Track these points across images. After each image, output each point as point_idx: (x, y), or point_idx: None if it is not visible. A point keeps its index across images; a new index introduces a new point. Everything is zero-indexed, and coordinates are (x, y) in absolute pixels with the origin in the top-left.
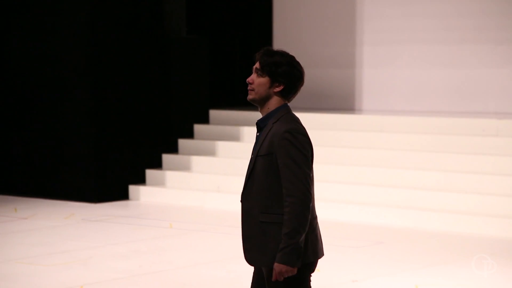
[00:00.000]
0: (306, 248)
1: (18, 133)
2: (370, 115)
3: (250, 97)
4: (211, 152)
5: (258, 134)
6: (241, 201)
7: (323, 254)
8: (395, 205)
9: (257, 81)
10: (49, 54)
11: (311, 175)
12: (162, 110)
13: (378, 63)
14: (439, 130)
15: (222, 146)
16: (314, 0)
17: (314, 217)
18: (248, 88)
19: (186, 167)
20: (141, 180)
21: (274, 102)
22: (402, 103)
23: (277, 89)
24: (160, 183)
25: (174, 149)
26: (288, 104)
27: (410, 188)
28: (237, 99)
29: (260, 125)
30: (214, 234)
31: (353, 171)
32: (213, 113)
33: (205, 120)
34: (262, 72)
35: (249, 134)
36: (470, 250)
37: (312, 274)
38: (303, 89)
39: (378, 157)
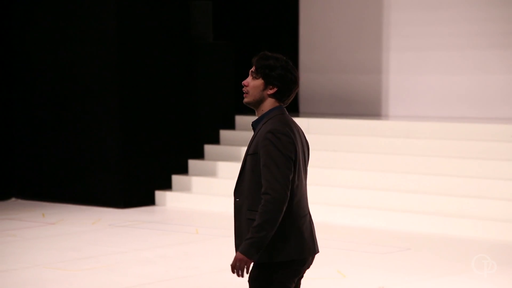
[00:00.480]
0: (288, 246)
1: (46, 139)
2: (397, 121)
3: (245, 100)
4: (236, 158)
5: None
6: (234, 198)
7: (316, 251)
8: (423, 211)
9: (251, 84)
10: (77, 61)
11: (291, 176)
12: (188, 116)
13: (404, 69)
14: (466, 136)
15: None
16: (341, 6)
17: (302, 216)
18: (243, 90)
19: (212, 173)
20: (167, 185)
21: (268, 104)
22: (429, 108)
23: (271, 92)
24: (186, 188)
25: (200, 155)
26: (284, 107)
27: (438, 194)
28: None
29: (254, 126)
30: None
31: (379, 177)
32: (239, 119)
33: (231, 125)
34: (256, 74)
35: None
36: (498, 257)
37: (305, 271)
38: (330, 94)
39: (404, 163)
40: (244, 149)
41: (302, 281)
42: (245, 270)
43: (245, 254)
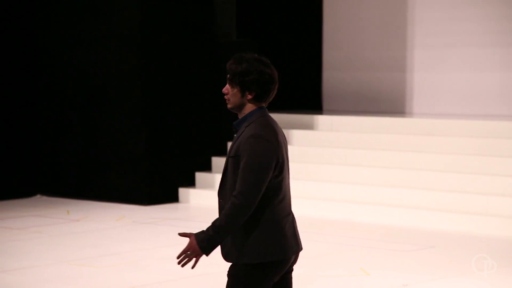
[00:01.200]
0: (271, 246)
1: (71, 137)
2: (421, 119)
3: (228, 106)
4: None
5: (235, 136)
6: (218, 199)
7: (298, 250)
8: (447, 209)
9: (230, 92)
10: (101, 60)
11: (265, 184)
12: (211, 114)
13: (428, 66)
14: (490, 133)
15: None
16: (365, 3)
17: (285, 215)
18: (225, 97)
19: None
20: (191, 183)
21: (249, 107)
22: (453, 106)
23: (250, 97)
24: (210, 185)
25: (223, 152)
26: (265, 106)
27: (462, 192)
28: (287, 102)
29: (236, 127)
30: None
31: (404, 175)
32: None
33: None
34: (232, 82)
35: (299, 137)
36: None
37: (290, 270)
38: (353, 92)
39: (428, 160)
40: None
41: (325, 279)
42: (192, 262)
43: (201, 247)
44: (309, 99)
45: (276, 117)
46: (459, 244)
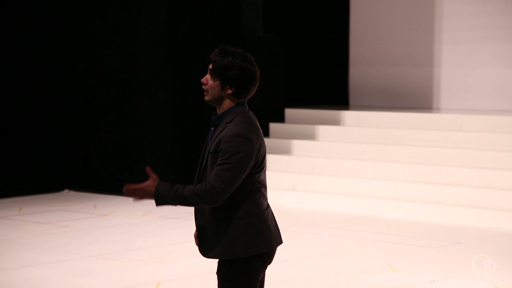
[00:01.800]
0: (257, 238)
1: (99, 132)
2: (448, 114)
3: (206, 98)
4: (286, 151)
5: (212, 129)
6: None
7: (281, 242)
8: (474, 205)
9: (209, 83)
10: (129, 56)
11: (236, 184)
12: None
13: (456, 61)
14: None
15: (297, 144)
16: None
17: (265, 208)
18: (203, 87)
19: None
20: None
21: (227, 103)
22: (481, 101)
23: (229, 91)
24: None
25: None
26: (245, 102)
27: (490, 188)
28: (313, 98)
29: (215, 121)
30: (289, 232)
31: (431, 171)
32: (289, 112)
33: (280, 119)
34: (213, 74)
35: (325, 133)
36: None
37: (268, 265)
38: (380, 87)
39: (456, 156)
40: (294, 142)
41: (352, 275)
42: (136, 199)
43: (156, 195)
44: (335, 94)
45: (302, 113)
46: (487, 240)
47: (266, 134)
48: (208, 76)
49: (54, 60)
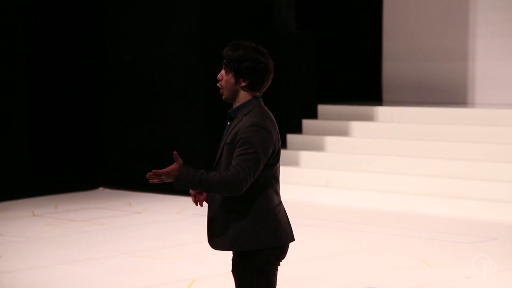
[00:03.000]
0: (266, 232)
1: (133, 130)
2: (484, 109)
3: (223, 96)
4: (319, 147)
5: (228, 123)
6: None
7: (292, 239)
8: (511, 200)
9: (224, 78)
10: (162, 55)
11: (257, 173)
12: (271, 106)
13: (491, 55)
14: None
15: (330, 141)
16: None
17: (277, 204)
18: (217, 85)
19: (294, 162)
20: None
21: (243, 96)
22: None
23: (243, 84)
24: None
25: (283, 144)
26: (259, 96)
27: None
28: (346, 94)
29: (231, 115)
30: (322, 229)
31: (467, 166)
32: (322, 108)
33: (313, 115)
34: (227, 68)
35: (358, 129)
36: None
37: (282, 260)
38: (414, 82)
39: (492, 151)
40: (327, 138)
41: (387, 271)
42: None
43: (178, 179)
44: (369, 90)
45: (335, 109)
46: None
47: (299, 130)
48: (222, 72)
49: (88, 60)
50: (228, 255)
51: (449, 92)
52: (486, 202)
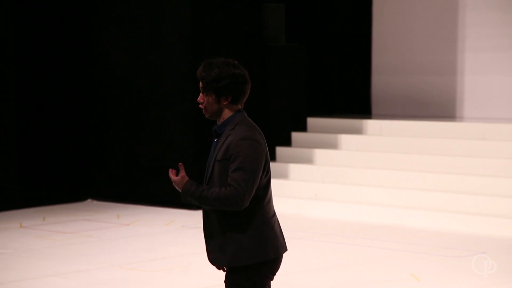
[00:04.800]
0: (265, 245)
1: (121, 142)
2: (472, 123)
3: (206, 116)
4: (308, 160)
5: (215, 140)
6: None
7: (286, 249)
8: (499, 214)
9: (205, 100)
10: (150, 65)
11: (255, 185)
12: (260, 118)
13: (480, 69)
14: None
15: (320, 153)
16: (414, 7)
17: (272, 215)
18: (200, 106)
19: (283, 175)
20: None
21: (227, 112)
22: (505, 110)
23: (226, 102)
24: None
25: (271, 157)
26: (242, 108)
27: None
28: (335, 107)
29: (217, 131)
30: (311, 242)
31: (454, 180)
32: (311, 121)
33: (303, 128)
34: (206, 90)
35: (347, 142)
36: None
37: (276, 272)
38: (403, 96)
39: (480, 165)
40: (316, 151)
41: (375, 284)
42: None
43: (183, 192)
44: (358, 103)
45: (324, 122)
46: (511, 249)
47: (288, 143)
48: (201, 95)
49: (77, 71)
50: (217, 270)
51: (437, 106)
52: (475, 216)
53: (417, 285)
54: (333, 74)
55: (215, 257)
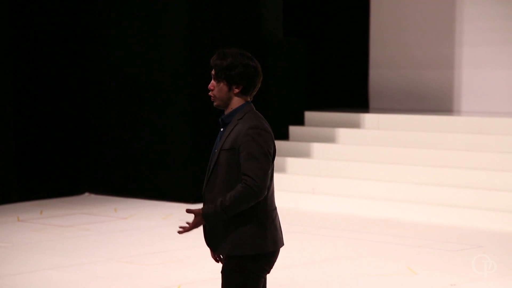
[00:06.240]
0: (264, 237)
1: (119, 136)
2: (469, 117)
3: (214, 103)
4: (306, 154)
5: (222, 130)
6: (204, 193)
7: (283, 244)
8: (496, 208)
9: (216, 88)
10: (148, 59)
11: (269, 172)
12: (257, 112)
13: (477, 64)
14: None
15: (317, 147)
16: (412, 1)
17: (273, 209)
18: (210, 94)
19: (281, 169)
20: None
21: (236, 102)
22: (502, 104)
23: (237, 90)
24: None
25: None
26: (251, 100)
27: (511, 191)
28: (333, 101)
29: (225, 120)
30: (308, 235)
31: (451, 174)
32: (309, 115)
33: (300, 121)
34: (218, 77)
35: (345, 136)
36: None
37: (272, 266)
38: (400, 90)
39: (477, 159)
40: (313, 145)
41: (372, 278)
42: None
43: (204, 216)
44: (355, 97)
45: (321, 116)
46: (508, 243)
47: (286, 137)
48: (213, 82)
49: (74, 65)
50: (214, 262)
51: (435, 100)
52: (472, 209)
53: (414, 279)
54: (330, 68)
55: (217, 245)
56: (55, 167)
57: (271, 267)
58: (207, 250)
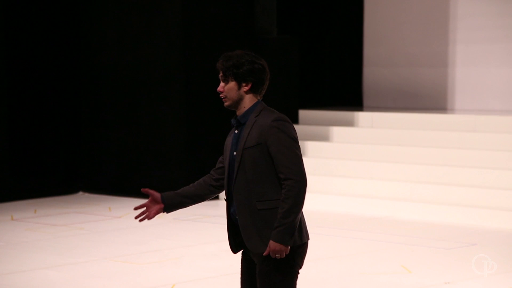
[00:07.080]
0: (300, 229)
1: (112, 134)
2: (463, 115)
3: (226, 104)
4: None
5: (236, 131)
6: (234, 194)
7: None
8: (490, 206)
9: (226, 88)
10: (142, 58)
11: (301, 155)
12: None
13: (471, 61)
14: None
15: (311, 146)
16: None
17: None
18: (221, 96)
19: None
20: None
21: (248, 101)
22: (496, 102)
23: (246, 88)
24: None
25: None
26: (261, 99)
27: (505, 189)
28: (327, 99)
29: (240, 120)
30: None
31: (446, 172)
32: (303, 113)
33: (294, 120)
34: (226, 78)
35: (339, 134)
36: None
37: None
38: (394, 88)
39: (471, 157)
40: (307, 143)
41: (366, 276)
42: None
43: (280, 242)
44: (349, 95)
45: (315, 114)
46: (502, 241)
47: None
48: (222, 84)
49: (68, 63)
50: (208, 260)
51: (429, 98)
52: (466, 207)
53: (409, 277)
54: (324, 66)
55: (254, 244)
56: (49, 166)
57: (303, 261)
58: (201, 249)
